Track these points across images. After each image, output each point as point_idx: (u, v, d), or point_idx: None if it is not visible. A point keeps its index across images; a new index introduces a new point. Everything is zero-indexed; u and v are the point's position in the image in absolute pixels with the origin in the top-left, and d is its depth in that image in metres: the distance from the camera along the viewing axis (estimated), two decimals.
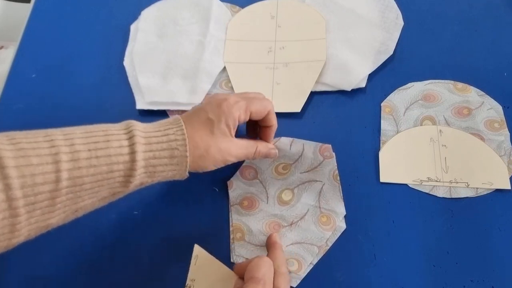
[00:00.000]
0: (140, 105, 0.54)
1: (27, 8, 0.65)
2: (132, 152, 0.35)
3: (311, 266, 0.43)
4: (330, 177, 0.46)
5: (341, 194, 0.46)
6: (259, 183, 0.47)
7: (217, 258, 0.43)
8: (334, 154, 0.47)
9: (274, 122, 0.44)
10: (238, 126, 0.42)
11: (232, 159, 0.41)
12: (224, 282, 0.40)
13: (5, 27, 0.88)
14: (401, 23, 0.56)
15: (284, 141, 0.48)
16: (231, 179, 0.48)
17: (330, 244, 0.44)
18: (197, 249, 0.42)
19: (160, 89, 0.54)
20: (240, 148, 0.41)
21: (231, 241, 0.45)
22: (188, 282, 0.41)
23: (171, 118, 0.41)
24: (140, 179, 0.36)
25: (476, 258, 0.42)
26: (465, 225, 0.44)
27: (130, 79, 0.56)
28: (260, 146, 0.43)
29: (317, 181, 0.46)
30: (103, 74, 0.57)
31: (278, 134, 0.50)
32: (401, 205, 0.45)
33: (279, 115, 0.52)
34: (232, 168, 0.48)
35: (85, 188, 0.33)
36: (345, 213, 0.45)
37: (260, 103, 0.42)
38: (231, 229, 0.45)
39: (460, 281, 0.41)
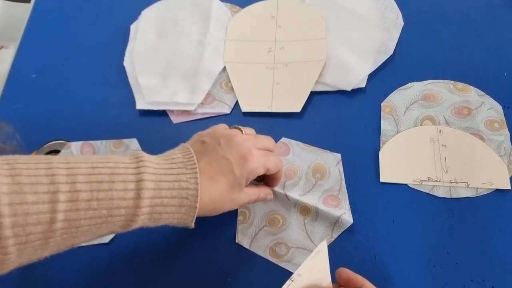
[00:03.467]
0: (140, 105, 0.54)
1: (27, 8, 0.65)
2: (137, 198, 0.33)
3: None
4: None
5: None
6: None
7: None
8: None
9: (281, 175, 0.45)
10: None
11: (238, 206, 0.42)
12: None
13: (5, 27, 0.88)
14: (401, 23, 0.56)
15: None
16: None
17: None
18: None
19: (160, 89, 0.54)
20: (247, 196, 0.41)
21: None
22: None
23: (185, 152, 0.38)
24: (142, 223, 0.35)
25: (476, 258, 0.42)
26: (465, 225, 0.44)
27: (130, 79, 0.56)
28: (262, 193, 0.43)
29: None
30: (103, 74, 0.57)
31: (279, 134, 0.51)
32: (401, 205, 0.45)
33: (279, 115, 0.52)
34: None
35: (81, 230, 0.32)
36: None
37: (275, 162, 0.42)
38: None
39: (460, 281, 0.41)
